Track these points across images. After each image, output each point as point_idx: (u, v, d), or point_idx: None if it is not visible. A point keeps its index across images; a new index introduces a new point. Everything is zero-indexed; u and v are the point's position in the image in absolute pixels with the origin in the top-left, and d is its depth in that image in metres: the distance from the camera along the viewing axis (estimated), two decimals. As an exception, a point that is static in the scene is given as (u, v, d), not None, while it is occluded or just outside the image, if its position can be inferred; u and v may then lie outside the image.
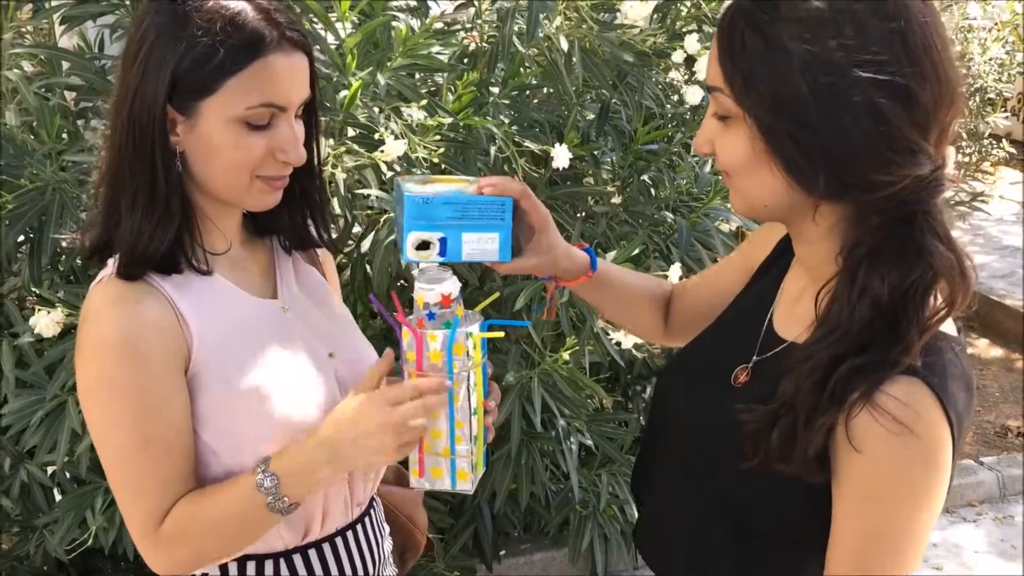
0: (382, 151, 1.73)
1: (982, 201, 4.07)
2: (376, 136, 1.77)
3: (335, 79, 1.80)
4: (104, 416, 1.09)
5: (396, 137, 1.75)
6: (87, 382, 1.10)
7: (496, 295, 1.22)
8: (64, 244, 1.89)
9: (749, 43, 0.95)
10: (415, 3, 2.16)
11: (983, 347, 4.82)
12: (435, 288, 1.10)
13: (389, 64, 1.78)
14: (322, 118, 1.76)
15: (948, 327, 0.99)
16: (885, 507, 0.94)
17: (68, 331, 1.77)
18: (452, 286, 1.11)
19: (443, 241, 1.14)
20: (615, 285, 1.37)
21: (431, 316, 1.10)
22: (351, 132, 1.87)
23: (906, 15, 0.92)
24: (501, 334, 1.14)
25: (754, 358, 1.13)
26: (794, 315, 1.11)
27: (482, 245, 1.17)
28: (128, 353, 1.07)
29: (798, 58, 0.92)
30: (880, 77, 0.91)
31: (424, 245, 1.14)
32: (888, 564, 0.95)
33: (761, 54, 0.94)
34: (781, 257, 1.21)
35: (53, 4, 1.90)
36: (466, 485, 1.14)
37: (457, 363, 1.09)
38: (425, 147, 1.79)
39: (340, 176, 1.77)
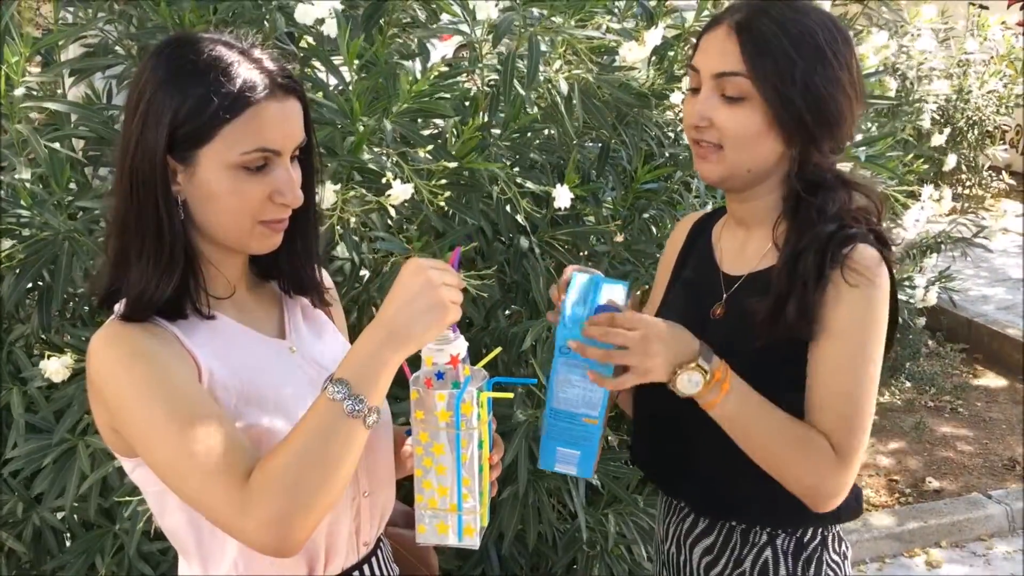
0: (389, 195, 1.76)
1: (984, 237, 4.11)
2: (383, 180, 1.80)
3: (341, 125, 1.83)
4: (139, 421, 1.08)
5: (403, 181, 1.78)
6: (114, 403, 1.11)
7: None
8: (72, 291, 1.92)
9: (778, 39, 1.26)
10: (416, 48, 2.20)
11: (989, 378, 4.81)
12: (444, 349, 1.12)
13: (395, 110, 1.81)
14: (330, 163, 1.79)
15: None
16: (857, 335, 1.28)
17: (76, 375, 1.79)
18: (460, 347, 1.13)
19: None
20: None
21: (439, 376, 1.12)
22: (358, 176, 1.90)
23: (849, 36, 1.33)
24: (510, 395, 1.16)
25: (724, 295, 1.39)
26: (744, 258, 1.40)
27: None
28: (136, 357, 1.09)
29: (815, 51, 1.27)
30: (843, 73, 1.30)
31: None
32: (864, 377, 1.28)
33: (789, 47, 1.26)
34: (697, 238, 1.51)
35: (62, 59, 1.94)
36: (472, 540, 1.16)
37: (464, 422, 1.11)
38: (431, 191, 1.82)
39: (349, 220, 1.80)
